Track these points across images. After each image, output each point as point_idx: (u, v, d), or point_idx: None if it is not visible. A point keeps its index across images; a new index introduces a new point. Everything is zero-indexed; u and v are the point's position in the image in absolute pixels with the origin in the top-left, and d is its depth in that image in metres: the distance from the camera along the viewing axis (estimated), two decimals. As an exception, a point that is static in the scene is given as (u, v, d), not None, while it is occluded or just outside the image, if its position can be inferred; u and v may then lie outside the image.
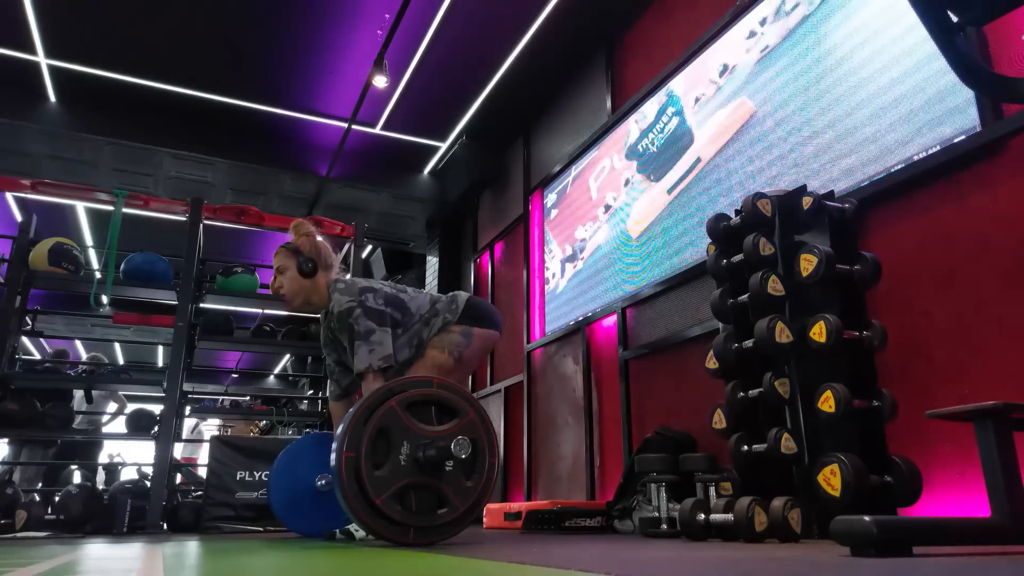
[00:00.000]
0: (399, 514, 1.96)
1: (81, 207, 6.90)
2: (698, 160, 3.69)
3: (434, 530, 2.03)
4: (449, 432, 2.06)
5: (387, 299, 2.50)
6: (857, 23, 2.82)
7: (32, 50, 4.87)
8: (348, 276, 2.61)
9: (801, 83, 3.07)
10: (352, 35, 4.77)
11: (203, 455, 6.23)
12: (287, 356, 11.02)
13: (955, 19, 1.04)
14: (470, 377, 6.19)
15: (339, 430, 2.04)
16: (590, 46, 4.87)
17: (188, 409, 4.43)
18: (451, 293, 2.69)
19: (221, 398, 7.92)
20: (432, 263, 7.08)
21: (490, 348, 2.77)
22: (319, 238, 2.65)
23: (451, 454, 1.98)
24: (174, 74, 5.23)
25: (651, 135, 4.12)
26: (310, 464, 2.70)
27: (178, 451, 5.88)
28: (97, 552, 2.04)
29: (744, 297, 2.47)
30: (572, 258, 4.82)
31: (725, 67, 3.58)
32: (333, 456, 2.00)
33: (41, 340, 8.54)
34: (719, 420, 2.49)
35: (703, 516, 2.23)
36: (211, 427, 8.68)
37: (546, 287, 5.16)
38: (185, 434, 5.92)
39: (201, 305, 4.41)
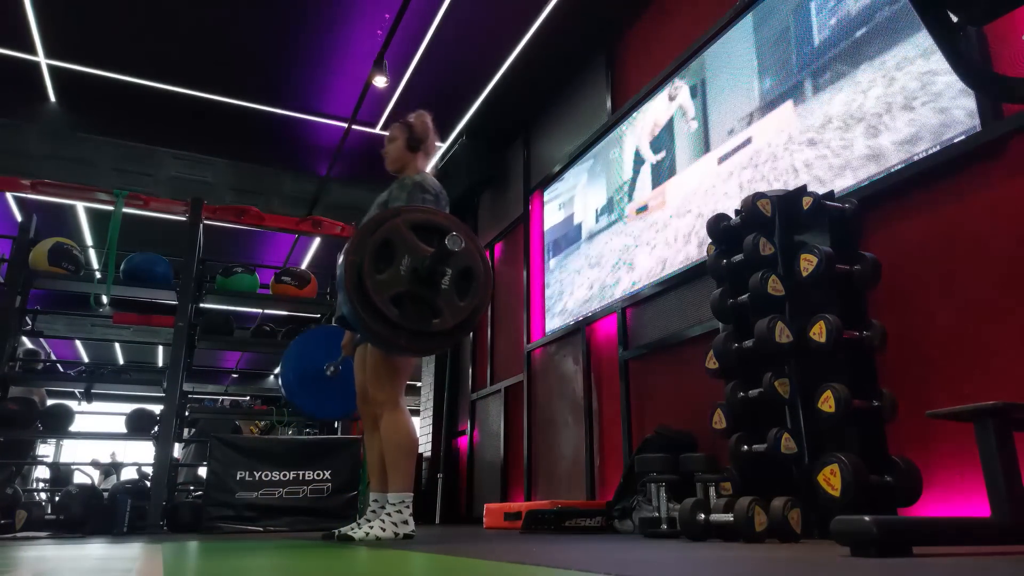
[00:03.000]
0: (395, 316, 2.12)
1: (81, 207, 6.90)
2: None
3: (425, 337, 2.20)
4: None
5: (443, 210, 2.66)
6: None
7: (32, 50, 4.87)
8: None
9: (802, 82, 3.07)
10: (352, 35, 4.77)
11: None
12: (287, 356, 10.98)
13: (955, 19, 1.04)
14: (469, 371, 6.19)
15: (351, 238, 2.22)
16: (590, 46, 4.87)
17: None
18: None
19: (221, 398, 7.91)
20: (432, 263, 7.06)
21: None
22: (429, 126, 2.94)
23: (445, 250, 2.13)
24: (174, 74, 5.24)
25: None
26: (321, 351, 2.85)
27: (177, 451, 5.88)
28: (97, 552, 2.04)
29: (744, 297, 2.47)
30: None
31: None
32: (340, 260, 2.17)
33: (41, 340, 8.54)
34: (719, 420, 2.49)
35: (703, 516, 2.23)
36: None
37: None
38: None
39: (201, 305, 4.41)
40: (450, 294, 2.22)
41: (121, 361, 11.35)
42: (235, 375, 11.24)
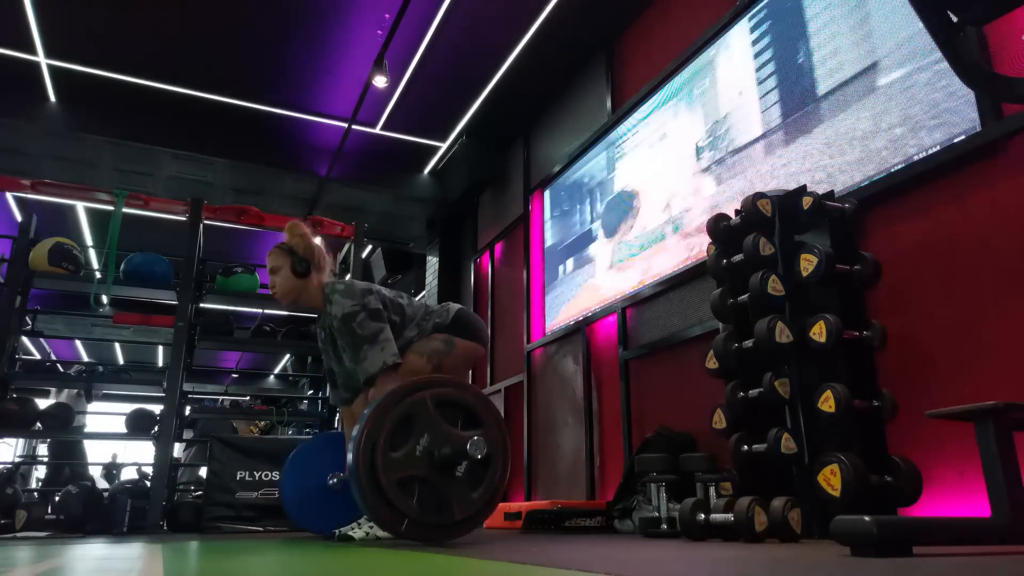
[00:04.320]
0: (400, 501, 1.97)
1: (81, 207, 6.90)
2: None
3: (426, 529, 2.04)
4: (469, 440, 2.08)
5: (384, 301, 2.50)
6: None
7: (32, 50, 4.87)
8: (347, 277, 2.60)
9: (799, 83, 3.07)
10: (352, 35, 4.77)
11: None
12: (287, 356, 11.01)
13: (955, 19, 1.04)
14: (469, 374, 6.19)
15: (369, 406, 2.07)
16: (590, 46, 4.87)
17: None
18: (445, 303, 2.70)
19: (221, 398, 7.91)
20: (432, 263, 7.08)
21: (472, 362, 2.74)
22: (315, 240, 2.67)
23: (467, 453, 2.01)
24: (174, 74, 5.23)
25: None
26: (322, 463, 2.74)
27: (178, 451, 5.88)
28: (97, 552, 2.04)
29: (744, 297, 2.47)
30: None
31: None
32: (357, 427, 2.02)
33: (41, 340, 8.55)
34: (719, 420, 2.49)
35: (703, 516, 2.23)
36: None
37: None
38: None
39: (201, 305, 4.41)
40: (463, 484, 2.07)
41: (121, 361, 11.35)
42: (235, 375, 11.24)
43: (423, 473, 2.02)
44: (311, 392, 6.59)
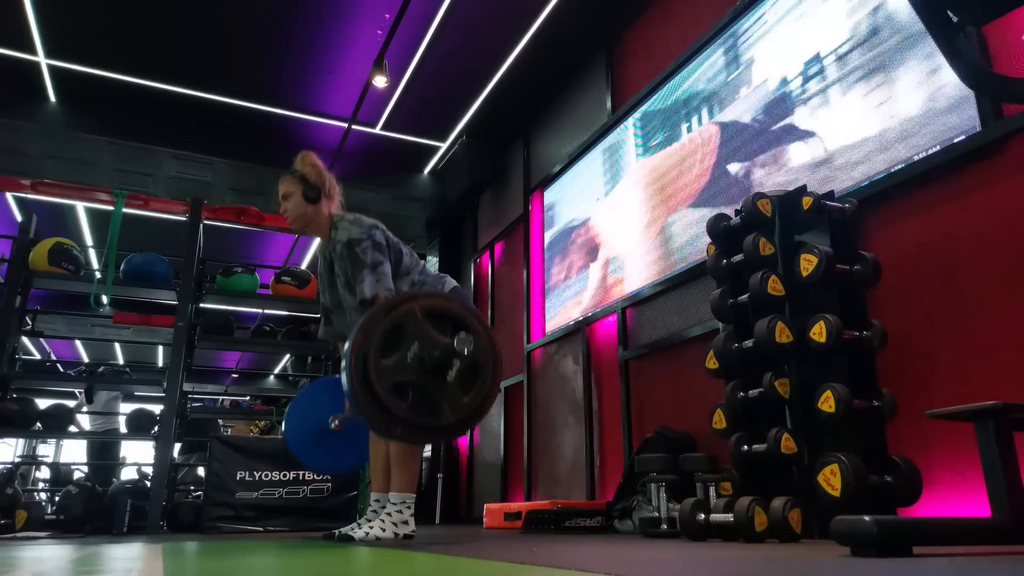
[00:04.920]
0: (394, 406, 2.03)
1: (81, 207, 6.90)
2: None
3: (422, 431, 2.11)
4: None
5: (388, 240, 2.56)
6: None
7: (32, 50, 4.87)
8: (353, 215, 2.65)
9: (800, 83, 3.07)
10: (352, 35, 4.77)
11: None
12: (287, 356, 11.00)
13: (955, 19, 1.04)
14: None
15: (360, 320, 2.13)
16: (590, 46, 4.87)
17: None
18: (444, 274, 2.73)
19: (221, 398, 7.91)
20: (432, 263, 7.08)
21: None
22: (322, 168, 2.74)
23: (455, 351, 2.06)
24: (174, 74, 5.23)
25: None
26: (323, 404, 2.80)
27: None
28: (97, 552, 2.04)
29: (744, 297, 2.47)
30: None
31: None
32: (348, 340, 2.08)
33: (41, 340, 8.55)
34: (719, 420, 2.49)
35: (703, 516, 2.23)
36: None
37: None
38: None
39: (201, 305, 4.41)
40: (455, 389, 2.12)
41: (121, 361, 11.35)
42: (235, 375, 11.24)
43: (415, 378, 2.09)
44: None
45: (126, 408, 5.47)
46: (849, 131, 2.80)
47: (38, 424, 3.89)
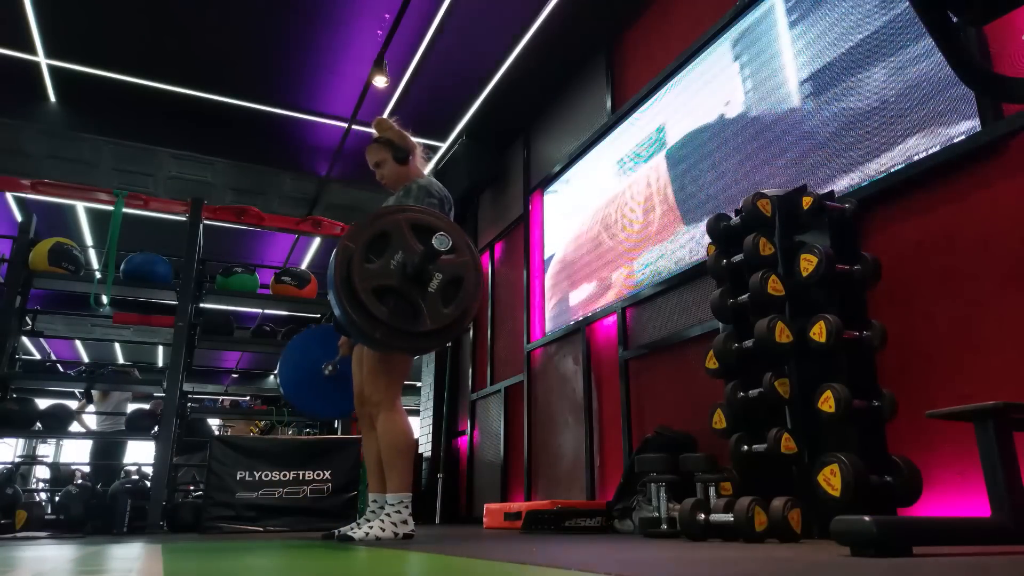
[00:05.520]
0: (376, 308, 2.09)
1: (81, 207, 6.90)
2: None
3: (401, 335, 2.16)
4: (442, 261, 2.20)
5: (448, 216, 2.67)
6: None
7: (32, 50, 4.87)
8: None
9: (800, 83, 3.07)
10: (352, 35, 4.77)
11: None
12: (287, 356, 11.00)
13: (955, 19, 1.04)
14: (469, 371, 6.19)
15: (350, 228, 2.23)
16: (590, 46, 4.87)
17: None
18: None
19: (221, 398, 7.92)
20: (432, 263, 7.07)
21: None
22: (403, 130, 2.89)
23: (434, 250, 2.11)
24: (174, 74, 5.24)
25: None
26: (318, 350, 2.86)
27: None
28: (97, 552, 2.04)
29: (744, 297, 2.47)
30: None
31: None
32: (336, 249, 2.17)
33: (41, 340, 8.55)
34: (719, 420, 2.49)
35: (703, 516, 2.23)
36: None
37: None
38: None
39: (201, 305, 4.41)
40: (435, 299, 2.20)
41: (121, 361, 11.35)
42: (235, 375, 11.24)
43: (397, 285, 2.15)
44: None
45: (129, 408, 5.49)
46: (849, 131, 2.80)
47: (38, 424, 3.89)
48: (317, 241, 7.59)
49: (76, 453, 12.29)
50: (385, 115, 5.68)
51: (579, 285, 4.70)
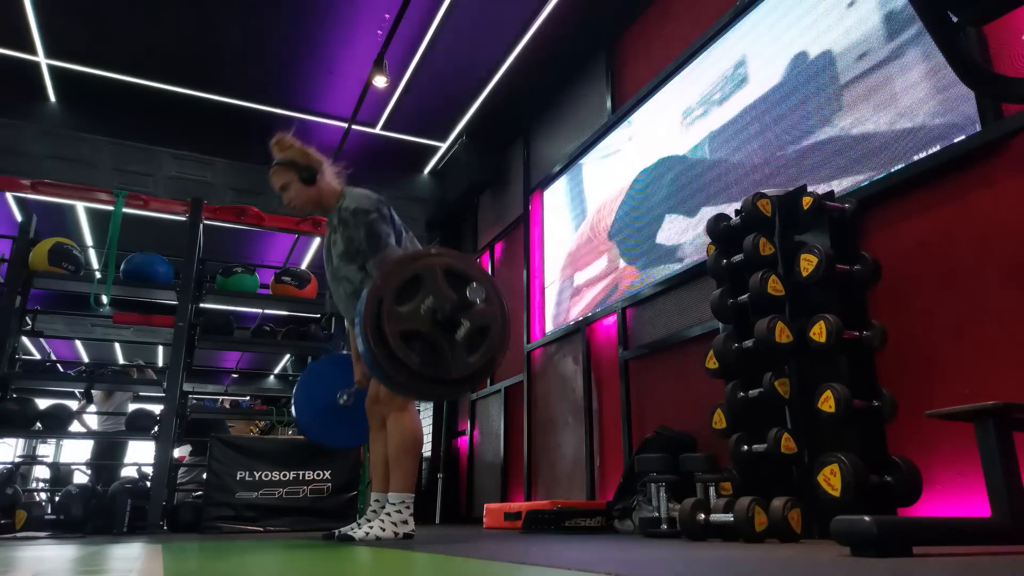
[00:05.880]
0: (402, 352, 2.08)
1: (81, 207, 6.89)
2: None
3: (425, 382, 2.14)
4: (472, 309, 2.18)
5: (394, 219, 2.56)
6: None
7: (32, 50, 4.87)
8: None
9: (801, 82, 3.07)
10: (352, 35, 4.77)
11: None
12: (287, 356, 11.01)
13: (955, 19, 1.04)
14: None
15: (383, 266, 2.22)
16: (590, 46, 4.87)
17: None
18: None
19: (221, 398, 7.91)
20: (432, 263, 7.07)
21: None
22: (305, 146, 2.70)
23: (467, 300, 2.10)
24: (174, 74, 5.23)
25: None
26: (331, 381, 2.82)
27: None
28: (97, 552, 2.04)
29: (744, 297, 2.47)
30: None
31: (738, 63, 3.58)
32: (366, 289, 2.14)
33: (41, 340, 8.54)
34: (719, 420, 2.49)
35: (703, 516, 2.23)
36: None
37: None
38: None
39: (201, 305, 4.41)
40: (461, 347, 2.18)
41: (121, 361, 11.35)
42: (235, 375, 11.24)
43: (425, 330, 2.13)
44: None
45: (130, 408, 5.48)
46: (849, 131, 2.80)
47: (38, 424, 3.89)
48: (317, 241, 7.59)
49: (76, 453, 12.28)
50: (385, 115, 5.68)
51: (580, 286, 4.69)
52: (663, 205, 3.92)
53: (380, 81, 4.60)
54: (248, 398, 7.65)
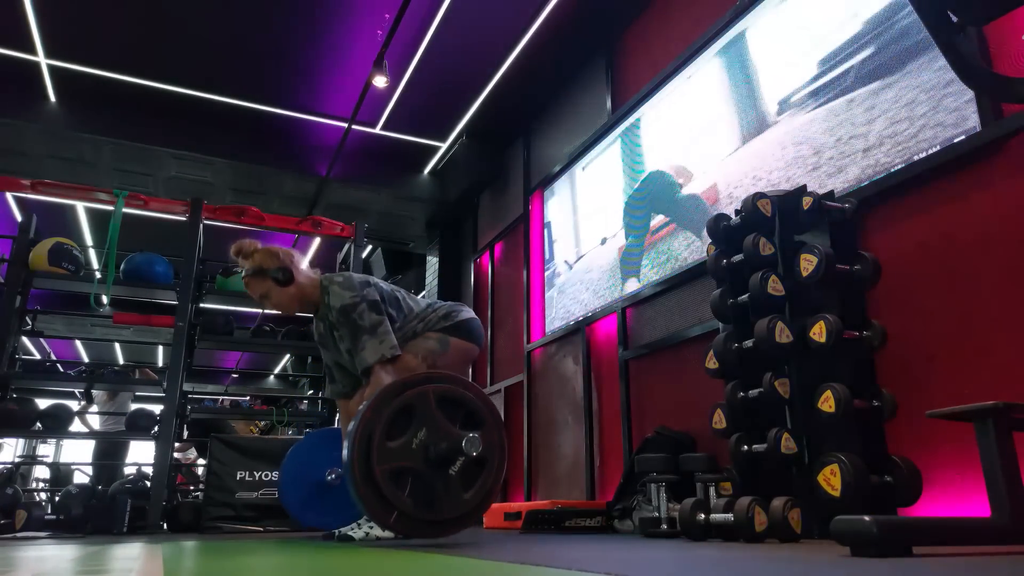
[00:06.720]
0: (391, 493, 1.96)
1: (81, 207, 6.90)
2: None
3: (414, 524, 2.01)
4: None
5: (382, 294, 2.50)
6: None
7: (32, 50, 4.87)
8: (347, 271, 2.60)
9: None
10: (352, 35, 4.77)
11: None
12: (287, 356, 11.02)
13: (955, 19, 1.04)
14: (469, 371, 6.19)
15: (368, 398, 2.07)
16: (590, 46, 4.87)
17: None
18: (459, 304, 2.68)
19: (221, 398, 7.92)
20: (432, 263, 7.08)
21: (468, 361, 2.74)
22: (267, 246, 2.62)
23: (462, 450, 2.00)
24: (174, 74, 5.23)
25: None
26: (319, 459, 2.73)
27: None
28: (97, 552, 2.04)
29: (744, 297, 2.47)
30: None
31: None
32: (356, 416, 2.02)
33: (41, 340, 8.55)
34: (719, 420, 2.49)
35: (703, 516, 2.23)
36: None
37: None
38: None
39: (201, 305, 4.41)
40: (456, 483, 2.05)
41: (121, 361, 11.35)
42: (235, 375, 11.25)
43: (417, 467, 2.01)
44: (311, 392, 6.60)
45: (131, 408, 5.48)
46: (849, 131, 2.80)
47: (38, 424, 3.89)
48: (317, 241, 7.59)
49: (76, 453, 12.28)
50: (385, 115, 5.68)
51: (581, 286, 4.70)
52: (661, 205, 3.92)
53: (380, 81, 4.60)
54: (248, 398, 7.65)
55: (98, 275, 4.10)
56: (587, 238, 4.67)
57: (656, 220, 3.96)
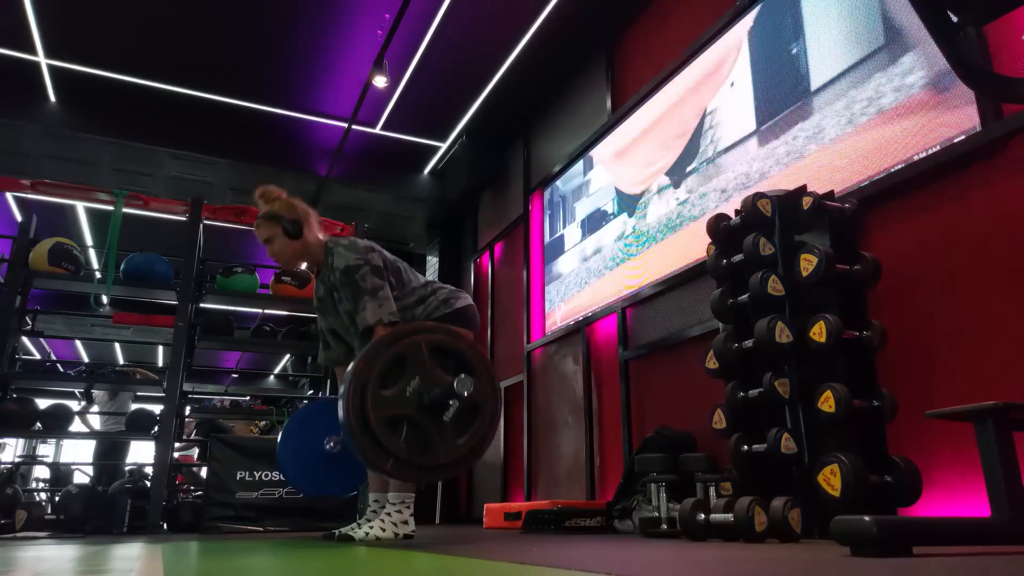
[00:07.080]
0: (386, 439, 1.99)
1: (81, 207, 6.90)
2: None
3: (412, 468, 2.05)
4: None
5: (385, 261, 2.50)
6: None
7: (32, 50, 4.87)
8: (351, 237, 2.60)
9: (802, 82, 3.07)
10: (352, 35, 4.77)
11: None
12: (287, 356, 11.02)
13: (955, 19, 1.04)
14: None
15: (363, 348, 2.10)
16: (590, 46, 4.87)
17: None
18: (458, 290, 2.65)
19: (221, 398, 7.91)
20: (432, 263, 7.08)
21: None
22: (291, 198, 2.62)
23: (454, 391, 2.03)
24: (174, 74, 5.23)
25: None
26: (318, 427, 2.74)
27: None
28: (97, 552, 2.04)
29: (744, 297, 2.47)
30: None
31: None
32: (351, 365, 2.05)
33: (41, 340, 8.54)
34: (719, 420, 2.48)
35: (703, 516, 2.23)
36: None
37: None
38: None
39: (201, 305, 4.41)
40: (450, 429, 2.08)
41: (121, 361, 11.35)
42: (235, 375, 11.24)
43: (411, 414, 2.05)
44: (311, 392, 6.59)
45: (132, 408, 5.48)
46: (849, 131, 2.80)
47: (38, 424, 3.89)
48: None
49: (76, 453, 12.28)
50: (385, 115, 5.68)
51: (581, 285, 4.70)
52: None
53: (380, 81, 4.60)
54: (248, 398, 7.65)
55: (98, 275, 4.10)
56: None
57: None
